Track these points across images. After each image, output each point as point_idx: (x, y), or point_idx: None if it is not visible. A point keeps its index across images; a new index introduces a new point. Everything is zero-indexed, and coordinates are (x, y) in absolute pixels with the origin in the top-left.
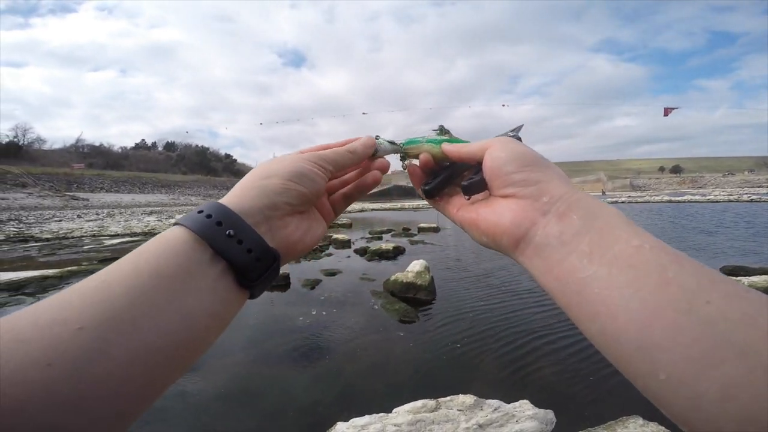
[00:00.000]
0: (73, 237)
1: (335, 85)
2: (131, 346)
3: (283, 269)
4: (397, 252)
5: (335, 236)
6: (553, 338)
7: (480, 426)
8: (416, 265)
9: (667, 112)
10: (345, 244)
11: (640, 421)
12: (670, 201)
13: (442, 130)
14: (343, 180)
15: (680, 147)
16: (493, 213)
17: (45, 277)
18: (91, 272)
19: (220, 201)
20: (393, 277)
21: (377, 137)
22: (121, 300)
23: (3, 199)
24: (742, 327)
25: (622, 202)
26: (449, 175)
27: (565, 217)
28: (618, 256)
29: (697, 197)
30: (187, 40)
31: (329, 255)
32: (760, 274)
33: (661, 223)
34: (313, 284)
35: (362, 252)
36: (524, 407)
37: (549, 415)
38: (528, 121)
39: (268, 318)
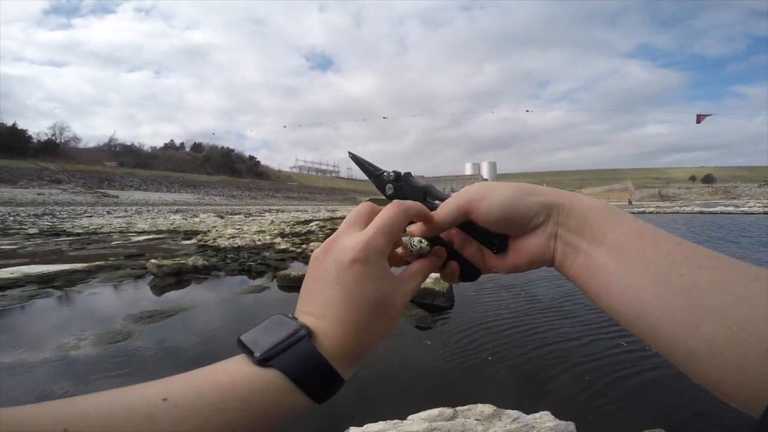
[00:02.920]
0: (102, 232)
1: (360, 88)
2: None
3: (303, 271)
4: None
5: None
6: (576, 348)
7: None
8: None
9: (699, 119)
10: None
11: None
12: (701, 212)
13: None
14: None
15: (715, 155)
16: (522, 255)
17: (74, 271)
18: (117, 267)
19: (328, 349)
20: None
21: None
22: None
23: (40, 194)
24: (714, 293)
25: (650, 213)
26: (461, 251)
27: (565, 226)
28: (609, 248)
29: (730, 208)
30: (220, 41)
31: None
32: None
33: (692, 235)
34: None
35: None
36: (544, 418)
37: (570, 427)
38: (555, 127)
39: None
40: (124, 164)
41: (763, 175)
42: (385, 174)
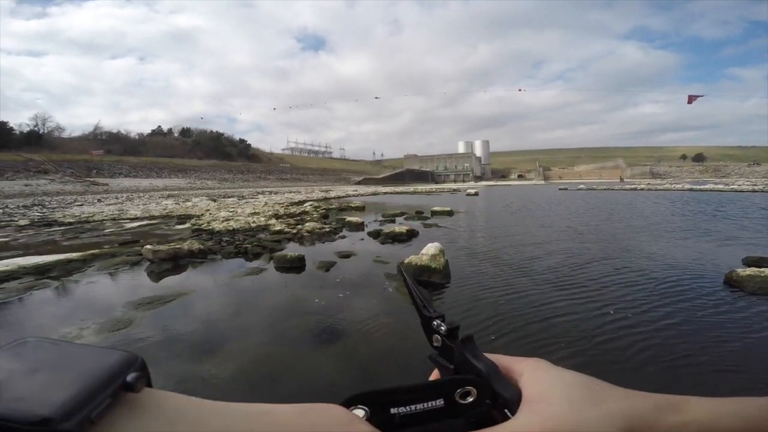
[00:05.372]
0: (94, 221)
1: (354, 69)
2: None
3: (299, 251)
4: (410, 235)
5: (348, 219)
6: (569, 325)
7: None
8: (431, 248)
9: (690, 99)
10: (358, 227)
11: None
12: (691, 189)
13: None
14: None
15: (707, 135)
16: None
17: (69, 261)
18: (113, 255)
19: None
20: (407, 260)
21: None
22: None
23: (27, 185)
24: None
25: (641, 189)
26: None
27: None
28: None
29: (720, 186)
30: (208, 26)
31: (343, 237)
32: None
33: (683, 211)
34: (327, 267)
35: (375, 235)
36: None
37: None
38: (550, 106)
39: (283, 300)
40: (112, 152)
41: (753, 155)
42: (436, 321)
